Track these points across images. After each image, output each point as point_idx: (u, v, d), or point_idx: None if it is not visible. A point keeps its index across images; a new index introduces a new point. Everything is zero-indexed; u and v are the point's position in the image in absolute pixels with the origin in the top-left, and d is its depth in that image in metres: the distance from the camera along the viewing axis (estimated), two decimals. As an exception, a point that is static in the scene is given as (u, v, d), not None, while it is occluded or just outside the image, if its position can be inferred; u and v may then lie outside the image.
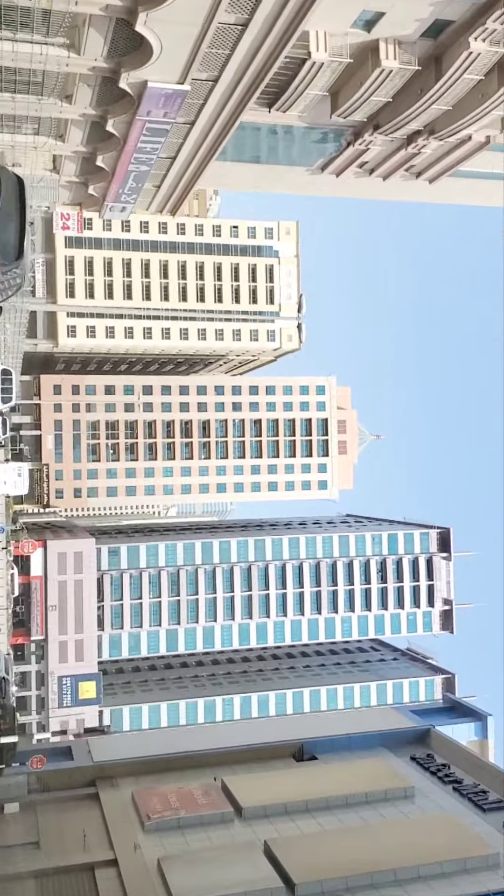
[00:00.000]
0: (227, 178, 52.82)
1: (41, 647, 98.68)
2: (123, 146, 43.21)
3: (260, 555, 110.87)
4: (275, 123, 43.88)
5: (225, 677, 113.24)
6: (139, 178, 47.13)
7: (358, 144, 44.79)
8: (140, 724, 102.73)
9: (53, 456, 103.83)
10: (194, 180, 49.44)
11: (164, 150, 45.04)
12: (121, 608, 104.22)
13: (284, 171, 50.90)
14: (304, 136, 45.10)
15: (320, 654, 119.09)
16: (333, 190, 52.24)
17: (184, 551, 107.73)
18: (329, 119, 42.87)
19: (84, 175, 50.39)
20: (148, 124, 40.37)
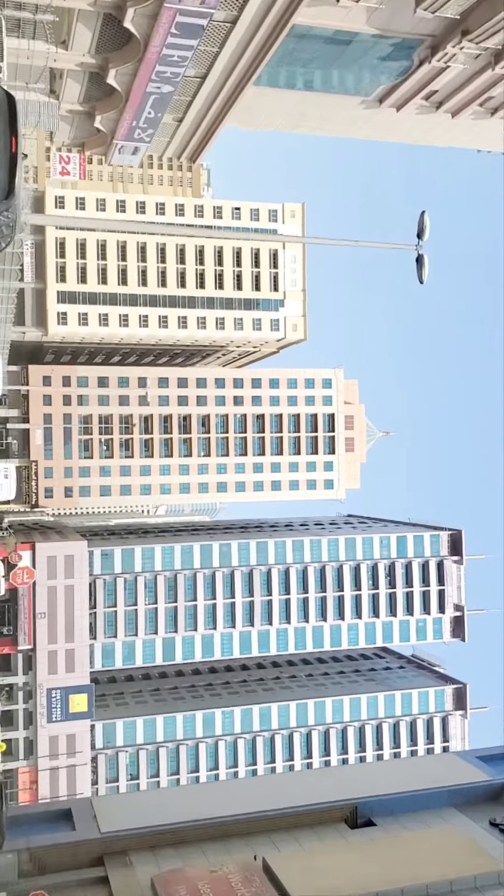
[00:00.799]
0: (263, 111, 44.65)
1: (29, 657, 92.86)
2: (144, 52, 35.48)
3: (262, 558, 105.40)
4: (336, 28, 36.32)
5: (224, 687, 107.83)
6: (159, 104, 39.59)
7: (436, 60, 37.84)
8: (134, 738, 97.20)
9: (43, 452, 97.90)
10: (225, 111, 41.89)
11: (194, 63, 37.60)
12: (114, 615, 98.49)
13: (334, 103, 43.55)
14: (368, 49, 37.84)
15: (323, 662, 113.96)
16: (385, 131, 45.43)
17: (181, 554, 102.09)
18: (407, 21, 35.44)
19: (90, 101, 42.92)
20: (179, 16, 32.47)
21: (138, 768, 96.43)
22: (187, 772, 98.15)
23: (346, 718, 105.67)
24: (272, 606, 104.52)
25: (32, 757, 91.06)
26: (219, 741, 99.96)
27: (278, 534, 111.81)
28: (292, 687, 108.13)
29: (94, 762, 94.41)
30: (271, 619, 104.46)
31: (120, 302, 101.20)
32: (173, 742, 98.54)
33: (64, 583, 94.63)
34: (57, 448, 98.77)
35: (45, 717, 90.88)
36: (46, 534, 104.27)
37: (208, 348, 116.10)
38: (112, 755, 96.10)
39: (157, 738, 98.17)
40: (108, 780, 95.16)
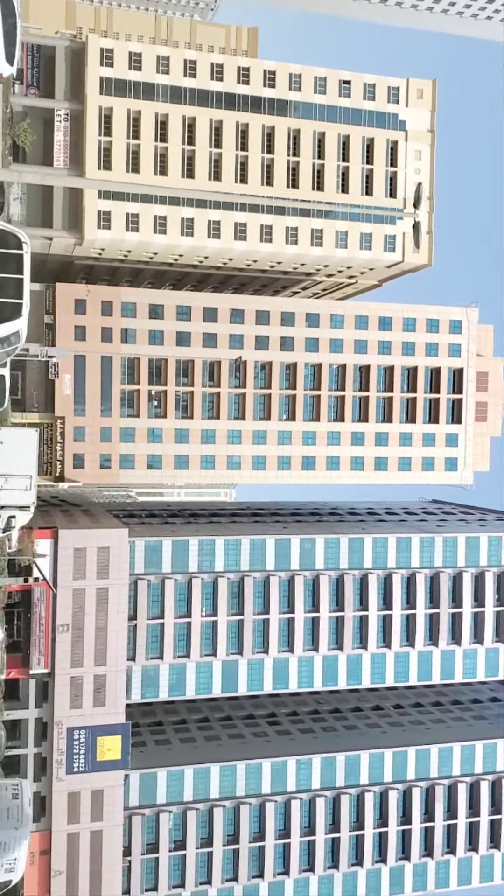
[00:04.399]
0: None
1: (45, 684, 72.06)
2: None
3: (356, 560, 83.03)
4: None
5: (295, 724, 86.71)
6: None
7: None
8: (181, 794, 76.58)
9: (72, 406, 75.19)
10: None
11: None
12: (160, 630, 77.07)
13: None
14: None
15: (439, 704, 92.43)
16: None
17: (251, 551, 79.94)
18: None
19: None
20: None
21: (185, 833, 76.02)
22: (248, 839, 77.72)
23: (457, 771, 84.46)
24: (368, 624, 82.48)
25: (45, 819, 70.84)
26: (291, 799, 79.24)
27: (375, 528, 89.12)
28: (386, 728, 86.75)
29: (127, 824, 74.09)
30: (365, 642, 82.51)
31: (184, 201, 76.74)
32: (231, 800, 77.91)
33: (96, 584, 73.25)
34: (91, 402, 75.81)
35: (63, 766, 70.40)
36: (71, 514, 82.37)
37: (291, 276, 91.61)
38: (151, 816, 75.71)
39: (212, 794, 77.50)
40: (146, 848, 74.93)
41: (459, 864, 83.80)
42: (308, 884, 79.89)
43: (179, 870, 76.25)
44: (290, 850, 79.09)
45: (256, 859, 78.60)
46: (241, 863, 77.38)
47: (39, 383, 75.86)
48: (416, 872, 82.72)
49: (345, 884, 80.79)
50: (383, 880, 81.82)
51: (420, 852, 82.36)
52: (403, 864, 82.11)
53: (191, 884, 75.82)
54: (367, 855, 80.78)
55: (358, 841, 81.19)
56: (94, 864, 71.53)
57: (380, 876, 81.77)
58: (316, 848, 79.59)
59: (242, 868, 77.40)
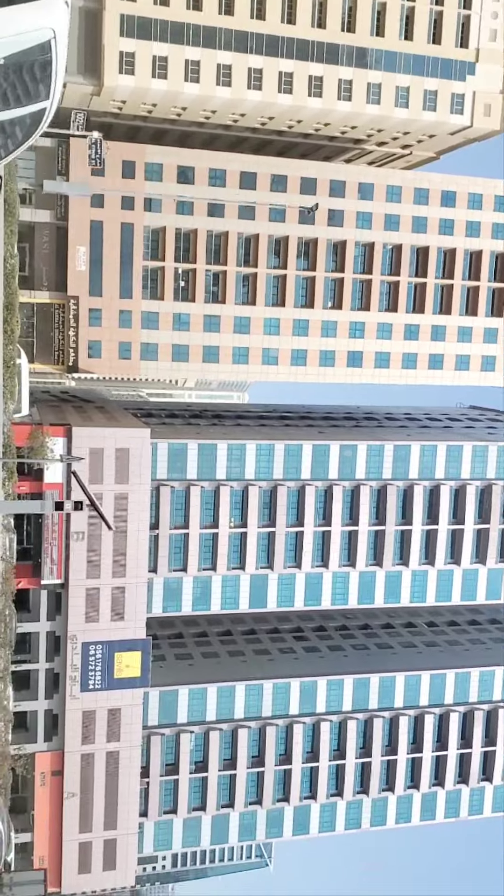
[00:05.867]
0: None
1: (57, 596, 66.10)
2: None
3: (401, 470, 75.68)
4: None
5: (323, 640, 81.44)
6: None
7: None
8: (204, 714, 71.80)
9: (87, 284, 66.04)
10: None
11: None
12: (183, 541, 70.53)
13: None
14: None
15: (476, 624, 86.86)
16: None
17: (285, 458, 72.56)
18: None
19: None
20: None
21: (206, 754, 71.60)
22: (274, 762, 73.38)
23: (497, 696, 79.66)
24: (410, 540, 75.91)
25: (57, 738, 66.08)
26: (321, 721, 74.53)
27: (422, 435, 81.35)
28: (422, 649, 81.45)
29: (146, 744, 69.53)
30: (407, 558, 76.12)
31: (220, 43, 65.29)
32: (257, 720, 73.18)
33: (114, 489, 66.22)
34: (109, 280, 66.53)
35: (78, 683, 65.06)
36: (85, 411, 74.56)
37: (336, 143, 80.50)
38: (171, 736, 71.08)
39: (236, 714, 72.64)
40: (165, 769, 70.58)
41: (495, 791, 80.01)
42: (335, 809, 76.28)
43: (200, 792, 72.36)
44: (317, 774, 75.11)
45: (282, 783, 74.70)
46: (265, 786, 73.44)
47: (50, 257, 66.44)
48: (449, 799, 79.07)
49: (374, 810, 77.21)
50: (414, 807, 78.24)
51: (455, 779, 78.43)
52: (436, 790, 78.33)
53: (212, 807, 72.03)
54: (398, 781, 76.86)
55: (389, 766, 77.15)
56: (109, 786, 67.32)
57: (411, 802, 78.13)
58: (345, 772, 75.58)
59: (267, 792, 73.51)
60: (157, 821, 71.01)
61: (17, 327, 48.31)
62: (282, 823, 75.27)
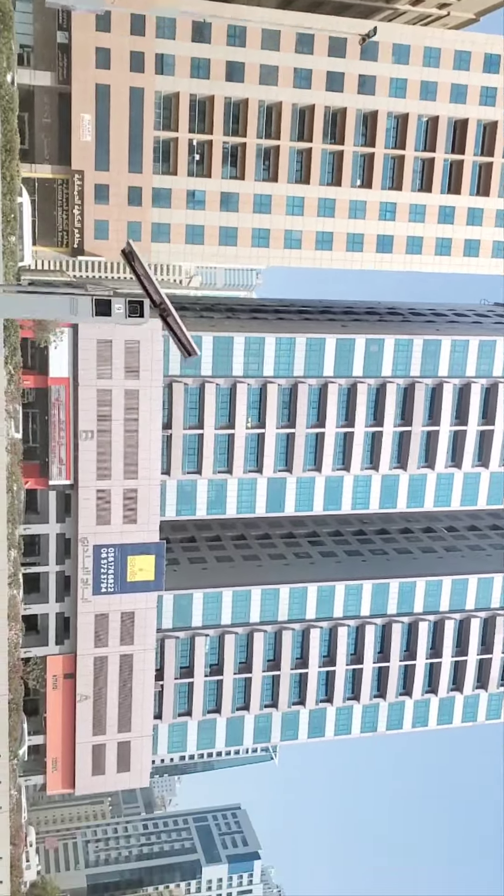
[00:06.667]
0: None
1: (66, 497, 63.05)
2: None
3: (430, 366, 71.59)
4: None
5: (340, 545, 79.03)
6: None
7: None
8: (219, 618, 70.02)
9: (93, 157, 59.98)
10: None
11: None
12: (198, 442, 67.08)
13: None
14: None
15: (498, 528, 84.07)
16: None
17: (307, 354, 68.32)
18: None
19: None
20: None
21: (222, 657, 70.21)
22: (291, 666, 72.11)
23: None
24: (436, 442, 72.31)
25: (69, 641, 64.38)
26: (338, 626, 72.87)
27: (446, 329, 76.56)
28: (442, 553, 79.10)
29: (160, 647, 67.95)
30: (432, 461, 72.76)
31: None
32: (273, 624, 71.48)
33: (124, 385, 62.38)
34: (117, 152, 60.43)
35: (90, 586, 62.87)
36: (93, 300, 69.39)
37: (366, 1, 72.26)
38: (185, 639, 69.51)
39: (252, 618, 70.86)
40: (180, 672, 69.26)
41: (513, 696, 79.21)
42: (351, 713, 75.57)
43: (215, 695, 71.35)
44: (334, 678, 73.97)
45: (297, 686, 73.72)
46: (280, 689, 72.41)
47: (52, 127, 60.17)
48: (467, 704, 78.29)
49: (390, 714, 76.48)
50: (431, 711, 77.54)
51: (473, 684, 77.41)
52: (454, 695, 77.45)
53: (227, 709, 71.15)
54: (416, 685, 75.86)
55: (407, 671, 76.00)
56: (123, 689, 66.09)
57: (428, 706, 77.37)
58: (362, 676, 74.46)
59: (283, 695, 72.53)
60: (172, 723, 70.26)
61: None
62: (297, 726, 74.71)
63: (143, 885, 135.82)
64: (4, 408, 50.00)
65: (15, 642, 53.55)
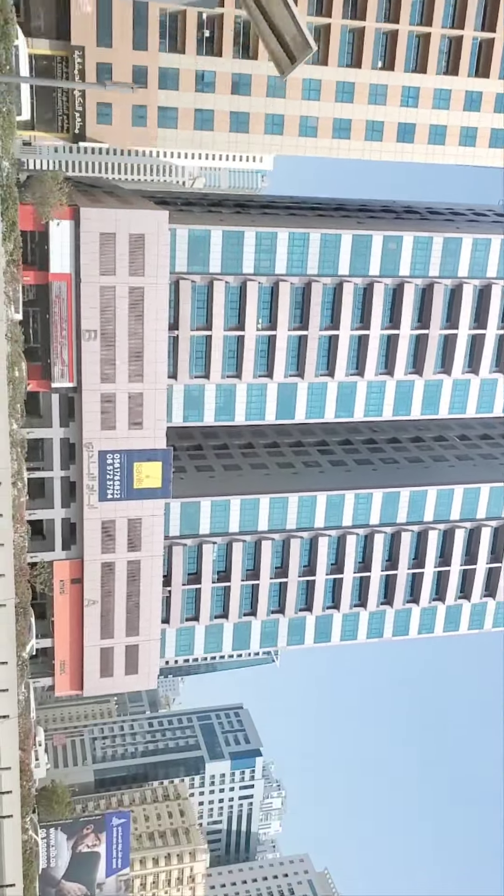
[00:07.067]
0: None
1: (70, 401, 61.08)
2: None
3: (450, 266, 68.56)
4: None
5: (350, 454, 77.51)
6: None
7: None
8: (227, 525, 69.16)
9: (95, 31, 55.23)
10: None
11: None
12: (206, 344, 64.62)
13: None
14: None
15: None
16: None
17: (321, 251, 65.15)
18: None
19: None
20: None
21: (229, 564, 69.67)
22: (298, 573, 71.64)
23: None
24: (454, 346, 69.81)
25: (75, 547, 63.58)
26: (347, 534, 72.08)
27: (467, 228, 72.83)
28: (454, 462, 77.68)
29: (167, 554, 67.32)
30: (449, 366, 70.46)
31: None
32: (281, 533, 70.65)
33: (128, 282, 59.51)
34: (121, 27, 55.55)
35: (96, 492, 61.57)
36: (93, 195, 65.93)
37: None
38: (193, 546, 68.81)
39: (260, 526, 69.98)
40: (187, 578, 68.85)
41: (521, 604, 79.20)
42: (357, 619, 75.62)
43: (222, 601, 71.22)
44: (341, 586, 73.68)
45: (304, 593, 73.47)
46: (288, 596, 72.20)
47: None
48: (474, 612, 78.34)
49: (397, 621, 76.59)
50: (438, 618, 77.60)
51: (481, 592, 77.21)
52: (461, 603, 77.36)
53: (234, 615, 71.08)
54: (423, 593, 75.64)
55: (415, 579, 75.68)
56: (130, 594, 65.70)
57: (435, 614, 77.38)
58: (370, 584, 74.14)
59: (290, 601, 72.38)
60: (179, 627, 70.32)
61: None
62: (303, 632, 74.88)
63: (149, 779, 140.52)
64: (3, 290, 47.16)
65: (21, 545, 52.46)
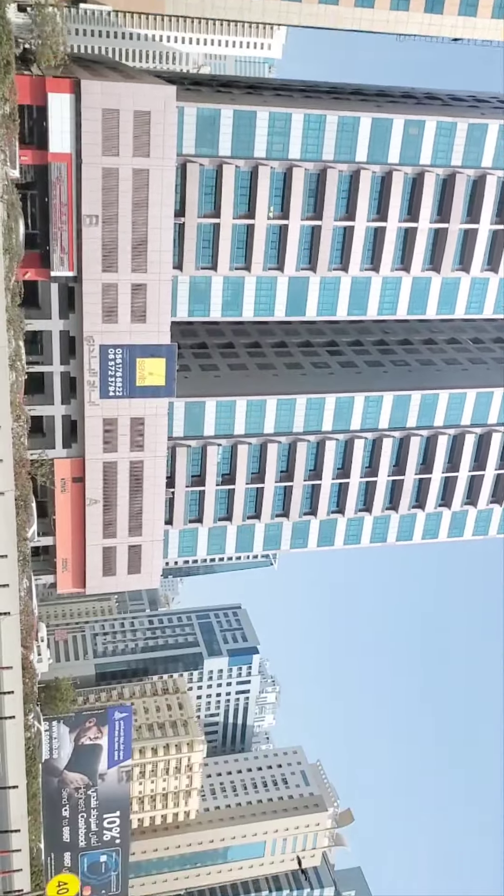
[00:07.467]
0: None
1: (70, 291, 58.08)
2: None
3: (473, 155, 64.02)
4: None
5: (360, 355, 74.95)
6: None
7: None
8: (232, 427, 67.28)
9: None
10: None
11: None
12: (213, 232, 60.93)
13: None
14: None
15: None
16: None
17: (338, 135, 60.84)
18: None
19: None
20: None
21: (234, 466, 68.17)
22: (304, 477, 70.23)
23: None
24: (474, 241, 66.23)
25: (76, 445, 61.80)
26: (355, 438, 70.32)
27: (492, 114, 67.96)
28: (467, 366, 75.24)
29: (171, 455, 65.67)
30: (468, 263, 67.05)
31: None
32: (288, 436, 68.83)
33: (133, 164, 55.99)
34: None
35: (97, 389, 59.31)
36: (95, 70, 60.98)
37: None
38: (197, 448, 67.04)
39: (266, 428, 68.10)
40: (191, 480, 67.43)
41: (527, 512, 78.21)
42: (362, 524, 74.68)
43: (226, 503, 70.01)
44: (347, 490, 72.35)
45: (309, 497, 72.20)
46: (293, 500, 70.98)
47: None
48: (480, 518, 77.43)
49: (401, 526, 75.69)
50: (443, 524, 76.74)
51: (488, 499, 76.02)
52: (467, 509, 76.31)
53: (238, 517, 70.05)
54: (430, 499, 74.46)
55: (422, 484, 74.33)
56: (133, 495, 64.31)
57: (440, 519, 76.46)
58: (376, 489, 72.80)
59: (294, 505, 71.21)
60: (183, 529, 69.34)
61: None
62: (307, 535, 74.06)
63: (148, 674, 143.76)
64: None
65: (20, 433, 50.30)
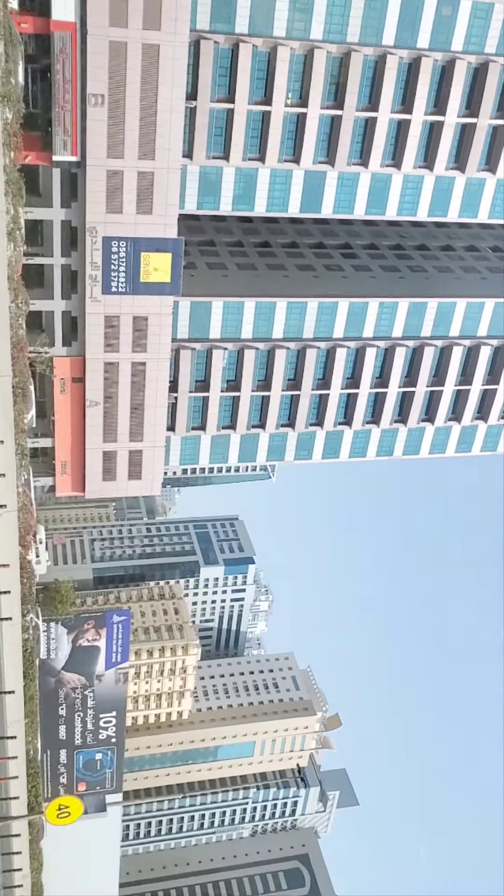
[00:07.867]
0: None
1: (72, 178, 54.89)
2: None
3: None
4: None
5: (375, 259, 71.50)
6: None
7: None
8: (239, 331, 64.62)
9: None
10: None
11: None
12: (226, 118, 56.91)
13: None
14: None
15: None
16: None
17: (364, 12, 56.53)
18: None
19: None
20: None
21: (240, 372, 65.87)
22: (312, 386, 68.04)
23: None
24: (503, 140, 62.04)
25: (76, 344, 59.30)
26: (367, 346, 67.81)
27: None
28: (486, 275, 72.02)
29: (174, 358, 63.24)
30: (495, 163, 63.05)
31: None
32: (297, 341, 66.25)
33: (143, 38, 53.39)
34: None
35: (99, 284, 56.44)
36: None
37: None
38: (202, 351, 64.56)
39: (274, 333, 65.48)
40: (195, 386, 65.20)
41: (538, 429, 76.35)
42: (369, 436, 72.92)
43: (230, 411, 67.99)
44: (355, 401, 70.30)
45: (316, 407, 70.10)
46: (299, 409, 68.97)
47: None
48: (489, 433, 75.59)
49: (409, 439, 73.97)
50: (451, 438, 74.96)
51: (500, 414, 74.03)
52: (477, 424, 74.43)
53: (242, 426, 68.13)
54: (440, 412, 72.48)
55: (433, 397, 72.19)
56: (135, 398, 62.13)
57: (448, 434, 74.62)
58: (385, 401, 70.70)
59: (300, 415, 69.24)
60: (185, 436, 67.50)
61: None
62: (312, 447, 72.33)
63: (145, 579, 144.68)
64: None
65: (17, 314, 47.52)
